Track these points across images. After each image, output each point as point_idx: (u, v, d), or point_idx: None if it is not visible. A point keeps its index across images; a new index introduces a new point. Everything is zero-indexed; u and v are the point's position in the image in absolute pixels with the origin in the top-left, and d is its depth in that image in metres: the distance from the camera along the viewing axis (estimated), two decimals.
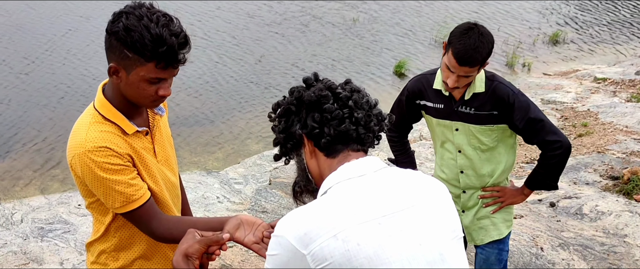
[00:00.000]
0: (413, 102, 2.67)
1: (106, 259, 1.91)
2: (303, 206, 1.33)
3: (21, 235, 4.04)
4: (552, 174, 2.57)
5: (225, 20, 10.33)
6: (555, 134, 2.48)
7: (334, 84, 1.45)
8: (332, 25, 10.29)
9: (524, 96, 2.51)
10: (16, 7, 10.26)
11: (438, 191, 1.40)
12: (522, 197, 2.69)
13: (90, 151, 1.68)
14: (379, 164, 1.40)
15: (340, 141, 1.40)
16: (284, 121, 1.46)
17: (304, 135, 1.42)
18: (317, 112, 1.40)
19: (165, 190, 1.90)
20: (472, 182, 2.66)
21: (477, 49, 2.34)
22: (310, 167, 1.46)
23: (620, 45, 10.20)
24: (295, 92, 1.44)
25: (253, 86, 8.18)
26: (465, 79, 2.40)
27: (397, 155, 2.94)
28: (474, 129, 2.54)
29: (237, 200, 4.63)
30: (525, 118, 2.44)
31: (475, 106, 2.50)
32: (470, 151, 2.59)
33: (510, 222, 2.77)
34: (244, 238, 1.60)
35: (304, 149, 1.45)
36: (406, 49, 9.56)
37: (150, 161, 1.84)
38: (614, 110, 6.44)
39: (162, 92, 1.71)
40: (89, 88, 7.43)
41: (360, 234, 1.25)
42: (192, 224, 1.76)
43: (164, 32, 1.60)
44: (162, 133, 1.95)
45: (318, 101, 1.40)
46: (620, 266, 3.83)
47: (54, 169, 5.97)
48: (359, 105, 1.41)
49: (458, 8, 11.43)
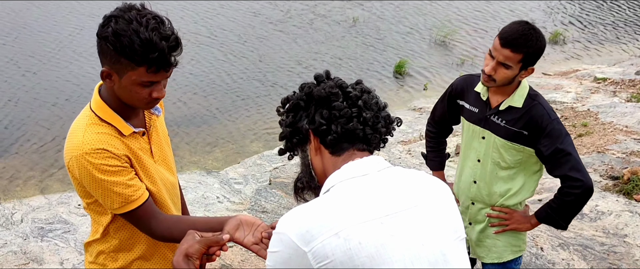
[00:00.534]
0: (454, 100, 2.60)
1: (105, 260, 1.91)
2: (305, 204, 1.33)
3: (21, 235, 4.04)
4: (564, 212, 2.42)
5: (227, 19, 10.33)
6: (579, 172, 2.32)
7: (344, 83, 1.45)
8: (334, 24, 10.29)
9: (560, 124, 2.36)
10: (22, 6, 10.25)
11: (441, 192, 1.39)
12: (529, 226, 2.54)
13: (87, 153, 1.67)
14: (382, 163, 1.40)
15: (346, 139, 1.40)
16: (291, 115, 1.45)
17: (311, 131, 1.42)
18: (326, 108, 1.40)
19: (163, 190, 1.90)
20: (482, 196, 2.56)
21: (524, 35, 2.25)
22: (314, 164, 1.46)
23: (621, 45, 10.19)
24: (306, 88, 1.44)
25: (254, 86, 8.18)
26: (504, 70, 2.28)
27: (429, 151, 2.87)
28: (499, 143, 2.43)
29: (237, 200, 4.62)
30: (553, 146, 2.31)
31: (508, 119, 2.39)
32: (489, 164, 2.49)
33: (518, 248, 2.63)
34: (244, 238, 1.59)
35: (310, 146, 1.45)
36: (408, 48, 9.55)
37: (148, 162, 1.84)
38: (614, 110, 6.44)
39: (156, 94, 1.70)
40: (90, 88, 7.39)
41: (362, 233, 1.24)
42: (191, 224, 1.76)
43: (154, 36, 1.58)
44: (159, 133, 1.94)
45: (328, 97, 1.40)
46: (620, 266, 3.83)
47: (54, 169, 5.96)
48: (368, 105, 1.41)
49: (460, 7, 11.43)
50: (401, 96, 8.10)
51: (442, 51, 9.58)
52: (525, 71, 2.31)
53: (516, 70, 2.29)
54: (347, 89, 1.42)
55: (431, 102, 7.41)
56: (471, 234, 2.67)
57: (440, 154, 2.86)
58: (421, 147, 5.70)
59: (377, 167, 1.38)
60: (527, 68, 2.30)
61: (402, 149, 5.69)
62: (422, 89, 8.24)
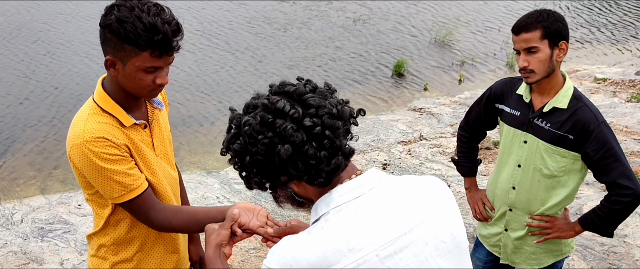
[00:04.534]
0: (492, 104, 2.52)
1: (106, 253, 1.93)
2: (295, 237, 1.25)
3: (21, 235, 4.04)
4: (611, 220, 2.31)
5: (227, 19, 10.33)
6: (629, 180, 2.22)
7: (290, 110, 1.22)
8: (334, 24, 10.29)
9: (608, 127, 2.27)
10: (22, 6, 10.25)
11: (438, 202, 1.30)
12: (572, 234, 2.43)
13: (88, 141, 1.70)
14: (373, 180, 1.29)
15: (333, 172, 1.27)
16: (256, 172, 1.27)
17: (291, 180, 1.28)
18: (300, 160, 1.22)
19: (164, 182, 1.92)
20: (521, 202, 2.46)
21: (533, 15, 2.21)
22: (299, 193, 1.35)
23: (620, 45, 10.20)
24: (261, 143, 1.22)
25: (254, 86, 8.18)
26: (534, 56, 2.21)
27: (461, 157, 2.78)
28: (542, 147, 2.33)
29: (237, 200, 4.63)
30: (601, 150, 2.21)
31: (552, 121, 2.29)
32: (531, 170, 2.39)
33: (560, 252, 2.53)
34: (250, 222, 1.61)
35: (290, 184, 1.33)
36: (408, 48, 9.55)
37: (149, 154, 1.86)
38: (614, 110, 6.44)
39: (160, 80, 1.73)
40: (91, 89, 7.39)
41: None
42: (192, 214, 1.79)
43: (157, 21, 1.63)
44: (162, 127, 1.96)
45: (297, 149, 1.21)
46: (620, 266, 3.83)
47: (54, 169, 5.96)
48: (334, 128, 1.24)
49: (460, 7, 11.43)
50: (401, 96, 8.10)
51: (442, 51, 9.58)
52: (557, 48, 2.23)
53: (546, 49, 2.21)
54: (304, 121, 1.21)
55: (431, 102, 7.41)
56: (506, 240, 2.58)
57: (473, 160, 2.78)
58: (421, 147, 5.70)
59: (369, 186, 1.28)
60: (557, 44, 2.22)
61: (402, 149, 5.69)
62: (422, 89, 8.24)
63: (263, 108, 1.24)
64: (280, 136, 1.21)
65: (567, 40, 2.24)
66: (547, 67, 2.24)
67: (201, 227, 1.72)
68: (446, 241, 1.27)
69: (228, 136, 1.30)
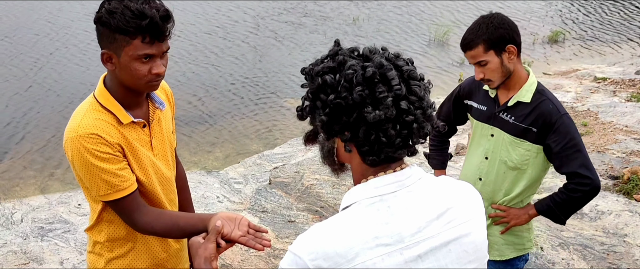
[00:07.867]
0: (461, 101, 2.61)
1: (101, 250, 1.95)
2: (325, 224, 1.25)
3: (21, 235, 4.04)
4: (567, 208, 2.40)
5: (227, 19, 10.34)
6: (589, 170, 2.30)
7: (396, 85, 1.18)
8: (334, 24, 10.29)
9: (570, 119, 2.33)
10: (22, 6, 10.25)
11: (470, 212, 1.29)
12: (527, 217, 2.52)
13: (81, 136, 1.72)
14: (412, 177, 1.27)
15: (390, 161, 1.26)
16: (328, 112, 1.22)
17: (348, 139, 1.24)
18: (375, 131, 1.19)
19: (156, 183, 1.92)
20: (487, 193, 2.53)
21: (471, 31, 2.29)
22: (341, 155, 1.31)
23: (620, 45, 10.19)
24: (357, 93, 1.17)
25: (253, 85, 8.18)
26: (486, 68, 2.30)
27: (432, 150, 2.88)
28: (508, 140, 2.41)
29: (237, 200, 4.62)
30: (563, 141, 2.28)
31: (516, 115, 2.37)
32: (497, 162, 2.47)
33: (522, 246, 2.60)
34: (231, 232, 1.62)
35: (339, 140, 1.28)
36: (408, 48, 9.55)
37: (144, 153, 1.86)
38: (614, 110, 6.44)
39: (156, 70, 1.73)
40: (91, 88, 7.40)
41: (380, 264, 1.20)
42: (174, 219, 1.80)
43: (144, 7, 1.65)
44: (162, 128, 1.96)
45: (379, 122, 1.18)
46: (620, 266, 3.83)
47: (54, 169, 5.97)
48: (422, 126, 1.22)
49: (460, 7, 11.43)
50: None
51: (442, 51, 9.58)
52: (505, 53, 2.29)
53: (494, 59, 2.28)
54: (401, 104, 1.18)
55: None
56: None
57: (443, 154, 2.88)
58: (421, 147, 5.70)
59: (407, 183, 1.26)
60: (504, 49, 2.28)
61: None
62: None
63: (376, 66, 1.20)
64: (376, 101, 1.18)
65: (514, 43, 2.30)
66: (501, 73, 2.32)
67: (183, 233, 1.74)
68: (469, 251, 1.27)
69: (323, 64, 1.24)
